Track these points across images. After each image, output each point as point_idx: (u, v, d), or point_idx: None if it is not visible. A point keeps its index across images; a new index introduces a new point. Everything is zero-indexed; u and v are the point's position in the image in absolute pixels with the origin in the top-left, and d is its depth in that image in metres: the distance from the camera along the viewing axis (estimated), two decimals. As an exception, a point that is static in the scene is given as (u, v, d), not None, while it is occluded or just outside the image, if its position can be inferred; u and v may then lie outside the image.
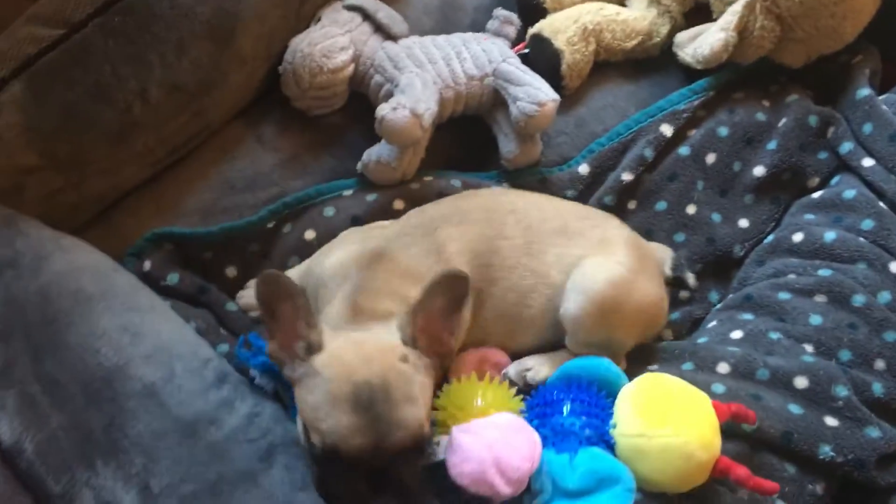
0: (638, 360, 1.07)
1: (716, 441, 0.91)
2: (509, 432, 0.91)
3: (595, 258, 1.03)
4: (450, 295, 0.89)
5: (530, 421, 0.96)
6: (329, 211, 1.17)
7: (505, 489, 0.87)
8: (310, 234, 1.16)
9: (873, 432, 1.00)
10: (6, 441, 0.83)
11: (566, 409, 0.96)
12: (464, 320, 0.97)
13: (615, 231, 1.10)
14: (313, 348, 0.87)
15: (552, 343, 1.06)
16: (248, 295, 1.13)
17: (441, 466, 0.90)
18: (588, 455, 0.91)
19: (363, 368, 0.84)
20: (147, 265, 1.10)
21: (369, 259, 0.98)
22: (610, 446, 0.93)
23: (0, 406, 0.85)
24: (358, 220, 1.16)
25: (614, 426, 0.94)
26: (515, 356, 1.07)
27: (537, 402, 0.99)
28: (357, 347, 0.87)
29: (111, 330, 0.91)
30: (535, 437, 0.92)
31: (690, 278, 1.19)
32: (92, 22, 1.07)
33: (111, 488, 0.81)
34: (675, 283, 1.19)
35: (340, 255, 1.02)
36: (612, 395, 0.98)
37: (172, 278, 1.09)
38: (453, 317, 0.91)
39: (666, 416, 0.90)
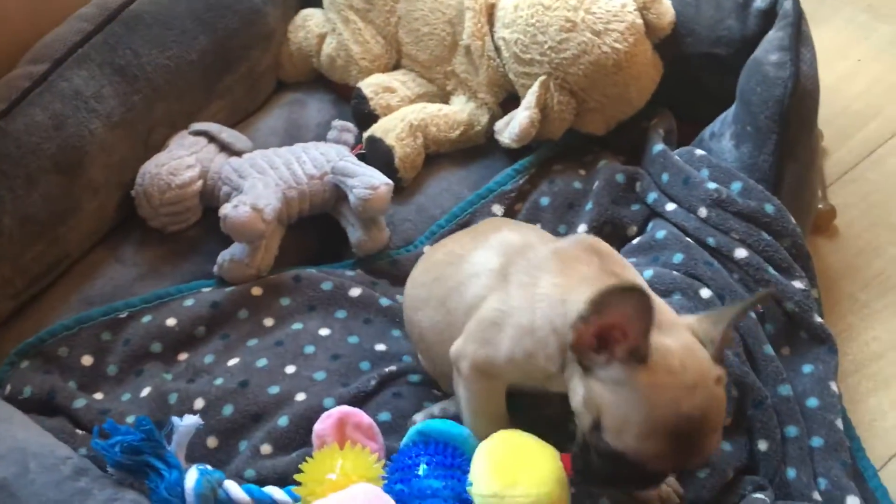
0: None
1: (564, 496, 0.95)
2: (366, 501, 0.93)
3: None
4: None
5: (393, 484, 0.99)
6: (189, 302, 1.25)
7: None
8: (171, 321, 1.23)
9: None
10: None
11: (422, 469, 0.99)
12: None
13: None
14: (638, 357, 0.84)
15: None
16: None
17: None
18: None
19: (688, 398, 0.84)
20: (7, 389, 1.15)
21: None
22: (469, 503, 0.96)
23: None
24: (217, 305, 1.24)
25: (471, 484, 0.97)
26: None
27: (397, 467, 1.02)
28: (682, 372, 0.84)
29: (-34, 438, 0.94)
30: None
31: None
32: (-58, 164, 1.16)
33: (-38, 582, 0.83)
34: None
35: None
36: (468, 452, 1.01)
37: (26, 392, 1.14)
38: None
39: (517, 476, 0.94)
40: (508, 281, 1.01)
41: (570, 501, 0.95)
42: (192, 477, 0.99)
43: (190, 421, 1.02)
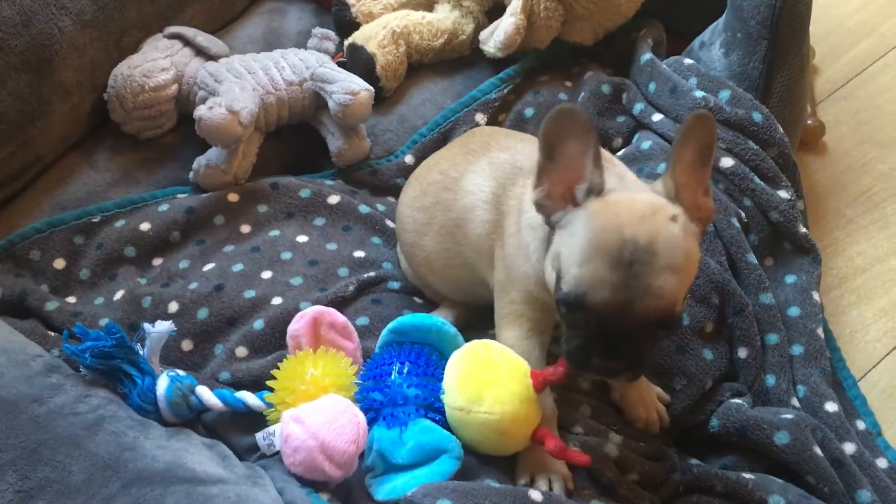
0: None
1: (531, 413, 0.93)
2: (334, 416, 0.93)
3: None
4: (699, 143, 0.84)
5: (367, 392, 0.98)
6: (163, 207, 1.23)
7: (336, 472, 0.91)
8: (145, 226, 1.21)
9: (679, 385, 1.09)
10: None
11: (394, 372, 0.98)
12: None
13: None
14: (594, 190, 0.83)
15: None
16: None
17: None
18: (417, 429, 0.94)
19: (634, 225, 0.79)
20: (-24, 291, 1.13)
21: None
22: (441, 411, 0.96)
23: None
24: (192, 211, 1.22)
25: (444, 393, 0.96)
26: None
27: (371, 374, 1.00)
28: (631, 202, 0.82)
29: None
30: (360, 418, 0.94)
31: None
32: None
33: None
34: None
35: None
36: (445, 356, 1.00)
37: (-4, 294, 1.11)
38: (704, 171, 0.86)
39: (483, 392, 0.93)
40: (502, 212, 1.00)
41: (538, 418, 0.94)
42: (162, 384, 0.98)
43: (162, 327, 1.00)
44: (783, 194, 1.22)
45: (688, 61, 1.33)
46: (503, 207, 1.01)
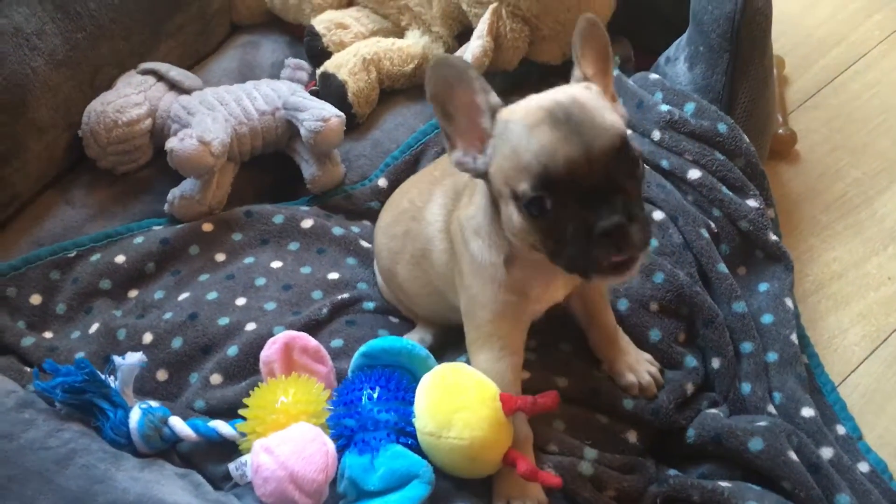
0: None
1: (501, 437, 0.93)
2: (303, 445, 0.93)
3: None
4: (598, 46, 0.88)
5: (339, 418, 0.98)
6: (138, 239, 1.24)
7: (306, 502, 0.91)
8: (120, 259, 1.22)
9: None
10: None
11: (365, 397, 0.98)
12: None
13: None
14: (496, 109, 0.84)
15: None
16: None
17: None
18: (388, 455, 0.93)
19: (552, 97, 0.81)
20: (-47, 331, 1.14)
21: None
22: (413, 435, 0.96)
23: None
24: (167, 242, 1.23)
25: (415, 417, 0.96)
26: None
27: (342, 400, 1.00)
28: (538, 95, 0.83)
29: None
30: (329, 447, 0.94)
31: None
32: None
33: None
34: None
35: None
36: (417, 378, 0.99)
37: (-29, 333, 1.12)
38: (609, 77, 0.89)
39: (453, 418, 0.92)
40: (453, 240, 0.99)
41: (509, 441, 0.94)
42: (135, 417, 0.98)
43: (132, 359, 1.00)
44: (752, 203, 1.22)
45: (653, 76, 1.34)
46: (451, 234, 1.00)
